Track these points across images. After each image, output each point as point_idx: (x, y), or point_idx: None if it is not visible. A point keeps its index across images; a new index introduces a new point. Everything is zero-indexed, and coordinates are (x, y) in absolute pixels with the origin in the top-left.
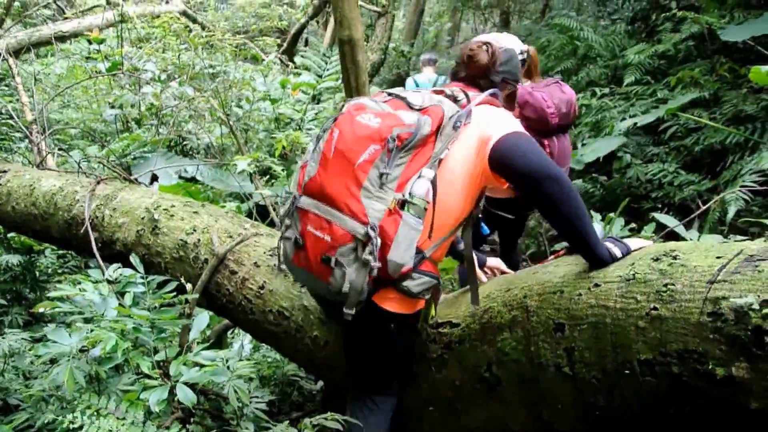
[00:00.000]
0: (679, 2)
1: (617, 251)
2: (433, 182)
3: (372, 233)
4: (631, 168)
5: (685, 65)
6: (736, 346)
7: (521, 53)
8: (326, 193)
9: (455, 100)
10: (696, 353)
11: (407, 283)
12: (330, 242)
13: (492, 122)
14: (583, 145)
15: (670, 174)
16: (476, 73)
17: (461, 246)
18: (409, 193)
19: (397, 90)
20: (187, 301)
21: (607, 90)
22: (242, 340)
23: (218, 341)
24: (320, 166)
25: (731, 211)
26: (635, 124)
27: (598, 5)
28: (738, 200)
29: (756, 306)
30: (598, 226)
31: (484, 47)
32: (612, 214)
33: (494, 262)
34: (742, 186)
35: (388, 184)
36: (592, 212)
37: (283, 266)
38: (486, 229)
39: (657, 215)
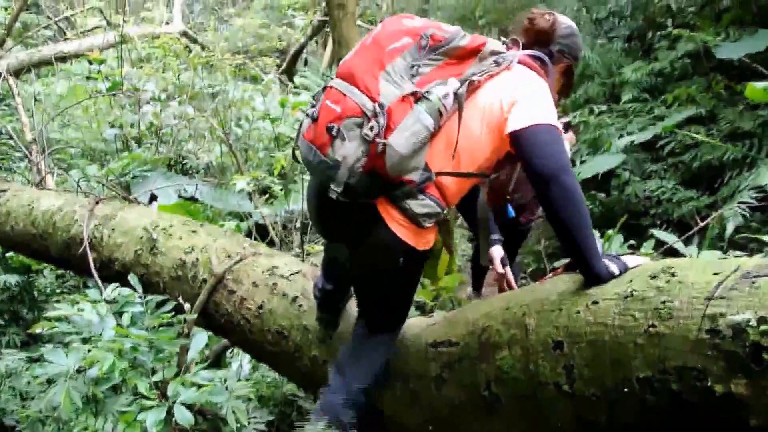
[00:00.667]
0: (675, 20)
1: (615, 268)
2: (458, 96)
3: (379, 110)
4: (630, 185)
5: (682, 82)
6: (734, 363)
7: None
8: (351, 71)
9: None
10: (695, 370)
11: (410, 202)
12: (339, 113)
13: (527, 97)
14: (581, 162)
15: (669, 190)
16: (534, 39)
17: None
18: (428, 90)
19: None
20: (185, 320)
21: (605, 107)
22: (241, 360)
23: (217, 361)
24: (355, 53)
25: (730, 227)
26: (633, 141)
27: (594, 24)
28: (736, 216)
29: (753, 322)
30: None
31: (546, 15)
32: (611, 231)
33: (497, 252)
34: (740, 202)
35: (413, 77)
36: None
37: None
38: (512, 212)
39: (656, 232)
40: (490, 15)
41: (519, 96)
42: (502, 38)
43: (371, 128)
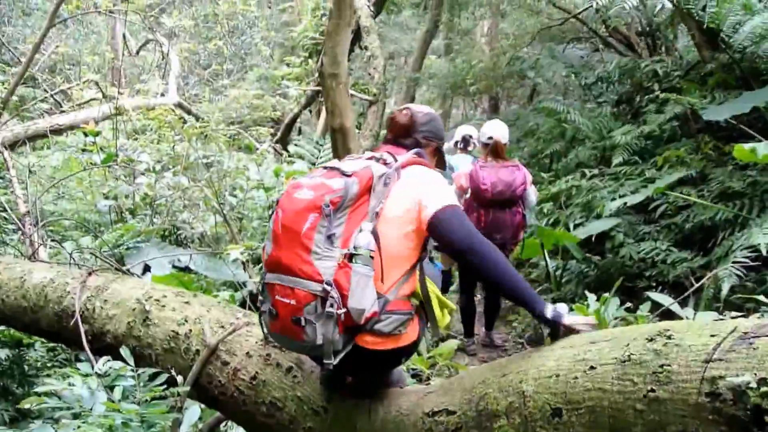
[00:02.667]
0: (662, 84)
1: (561, 310)
2: (374, 233)
3: (328, 287)
4: (624, 247)
5: (671, 145)
6: (736, 427)
7: (489, 138)
8: (283, 264)
9: (385, 162)
10: None
11: (378, 326)
12: (295, 305)
13: (427, 192)
14: (575, 225)
15: (663, 252)
16: (398, 133)
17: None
18: (354, 246)
19: (333, 162)
20: (178, 393)
21: (596, 171)
22: None
23: None
24: (273, 243)
25: (725, 288)
26: (625, 203)
27: (583, 89)
28: (731, 276)
29: (753, 384)
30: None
31: (404, 111)
32: (607, 294)
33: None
34: (734, 262)
35: (334, 242)
36: (587, 293)
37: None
38: (439, 265)
39: (651, 294)
40: (481, 83)
41: (420, 193)
42: (384, 148)
43: (331, 305)
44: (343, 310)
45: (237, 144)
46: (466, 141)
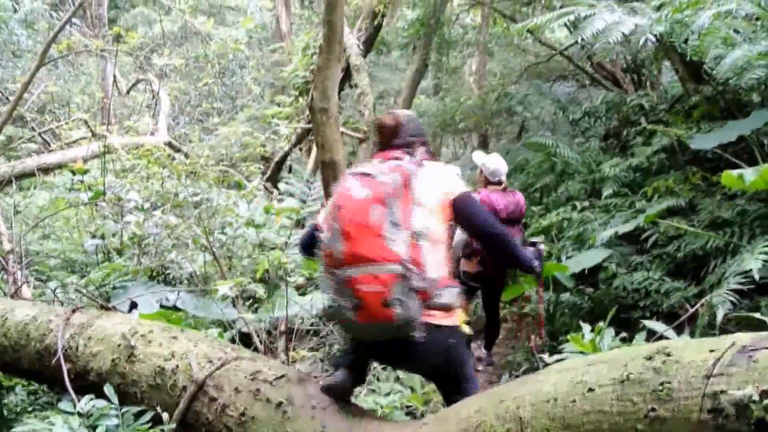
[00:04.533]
0: (648, 118)
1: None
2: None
3: (408, 264)
4: (617, 278)
5: (659, 176)
6: None
7: (482, 165)
8: (361, 255)
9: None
10: None
11: (439, 300)
12: (382, 289)
13: (451, 182)
14: (567, 258)
15: (656, 282)
16: (389, 136)
17: None
18: (415, 228)
19: (361, 168)
20: None
21: (587, 203)
22: None
23: None
24: (345, 240)
25: (720, 314)
26: (616, 233)
27: (571, 125)
28: (725, 303)
29: (756, 397)
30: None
31: (389, 116)
32: (601, 323)
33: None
34: (728, 289)
35: (399, 226)
36: (582, 323)
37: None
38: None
39: (646, 322)
40: (470, 119)
41: (445, 185)
42: (381, 155)
43: (415, 280)
44: (423, 283)
45: (227, 181)
46: None
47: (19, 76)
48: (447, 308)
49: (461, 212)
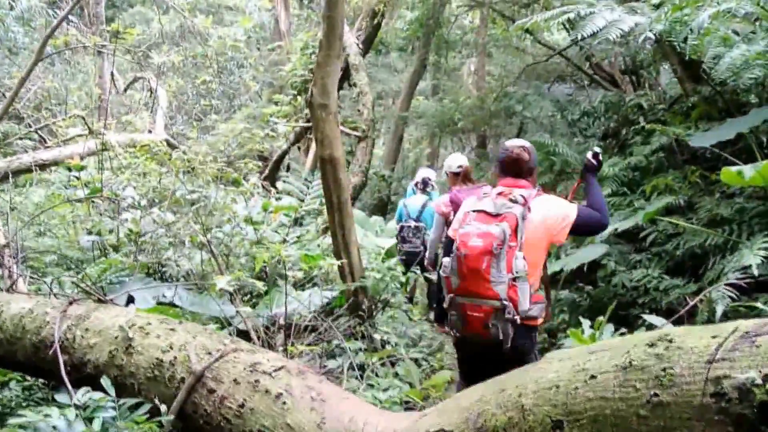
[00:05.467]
0: (647, 117)
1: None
2: (525, 258)
3: (505, 302)
4: (616, 275)
5: (658, 175)
6: (743, 427)
7: (459, 167)
8: (472, 291)
9: (515, 201)
10: None
11: (530, 313)
12: (483, 316)
13: (561, 205)
14: (566, 255)
15: (655, 279)
16: (521, 169)
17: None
18: (516, 271)
19: (479, 204)
20: (161, 424)
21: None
22: None
23: None
24: (461, 279)
25: (719, 310)
26: (616, 229)
27: (569, 125)
28: (724, 298)
29: (759, 381)
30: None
31: (520, 149)
32: (601, 318)
33: None
34: (727, 283)
35: (502, 271)
36: (581, 319)
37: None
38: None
39: (646, 316)
40: (469, 120)
41: (558, 207)
42: (507, 182)
43: (509, 313)
44: (517, 316)
45: (225, 178)
46: (425, 183)
47: (16, 72)
48: (533, 319)
49: (583, 226)
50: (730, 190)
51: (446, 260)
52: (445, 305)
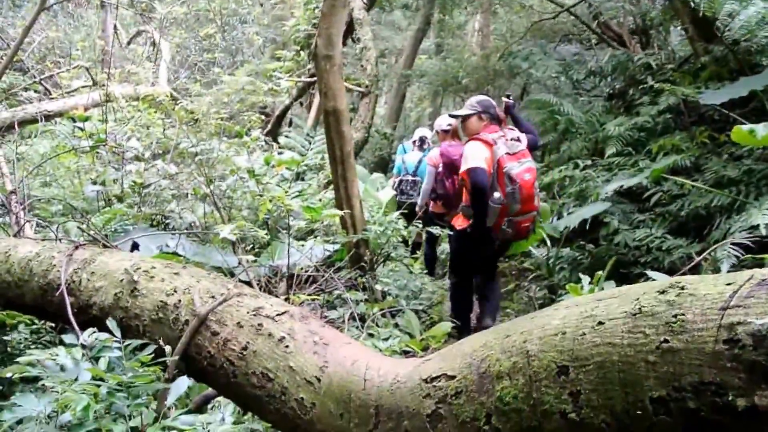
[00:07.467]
0: (655, 77)
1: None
2: None
3: (539, 210)
4: (618, 234)
5: (665, 136)
6: (756, 374)
7: (449, 125)
8: (527, 209)
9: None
10: (713, 384)
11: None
12: (530, 224)
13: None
14: (569, 213)
15: (658, 239)
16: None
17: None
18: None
19: (509, 134)
20: (166, 365)
21: (589, 162)
22: (222, 413)
23: (197, 412)
24: (521, 204)
25: (724, 269)
26: (621, 186)
27: (574, 85)
28: (730, 256)
29: None
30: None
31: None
32: (600, 272)
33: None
34: (733, 243)
35: (537, 188)
36: (581, 275)
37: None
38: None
39: (649, 272)
40: (472, 79)
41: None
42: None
43: (537, 217)
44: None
45: (228, 131)
46: (422, 140)
47: (21, 21)
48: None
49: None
50: (738, 152)
51: (497, 195)
52: (489, 224)
